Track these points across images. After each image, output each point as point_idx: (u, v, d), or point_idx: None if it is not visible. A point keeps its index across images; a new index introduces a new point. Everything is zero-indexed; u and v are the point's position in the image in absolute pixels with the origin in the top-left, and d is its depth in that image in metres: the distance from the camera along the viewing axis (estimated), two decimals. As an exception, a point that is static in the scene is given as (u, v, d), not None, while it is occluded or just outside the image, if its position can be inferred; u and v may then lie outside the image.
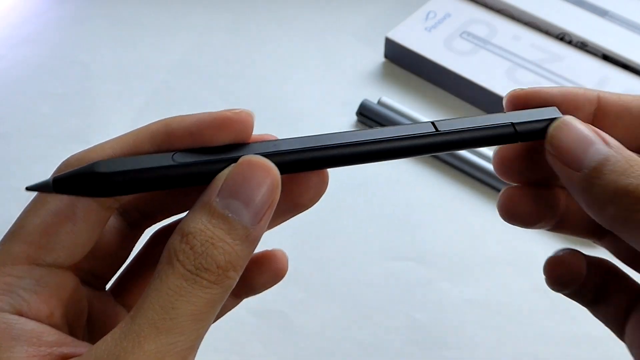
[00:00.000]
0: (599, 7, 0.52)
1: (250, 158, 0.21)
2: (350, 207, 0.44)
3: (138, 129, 0.23)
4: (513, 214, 0.28)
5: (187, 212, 0.21)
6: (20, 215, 0.22)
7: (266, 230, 0.22)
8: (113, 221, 0.25)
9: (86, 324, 0.24)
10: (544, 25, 0.51)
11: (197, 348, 0.21)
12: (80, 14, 0.57)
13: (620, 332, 0.29)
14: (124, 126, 0.48)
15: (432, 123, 0.23)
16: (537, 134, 0.24)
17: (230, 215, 0.20)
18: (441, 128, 0.23)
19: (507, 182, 0.27)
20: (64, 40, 0.55)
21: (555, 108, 0.24)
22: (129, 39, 0.55)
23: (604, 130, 0.24)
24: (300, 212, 0.25)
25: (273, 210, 0.21)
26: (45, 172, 0.21)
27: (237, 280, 0.21)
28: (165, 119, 0.23)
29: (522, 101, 0.25)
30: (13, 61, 0.53)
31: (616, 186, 0.21)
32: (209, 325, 0.21)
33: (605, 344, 0.38)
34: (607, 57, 0.49)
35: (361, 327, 0.39)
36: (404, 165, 0.46)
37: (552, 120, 0.24)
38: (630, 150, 0.23)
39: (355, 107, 0.48)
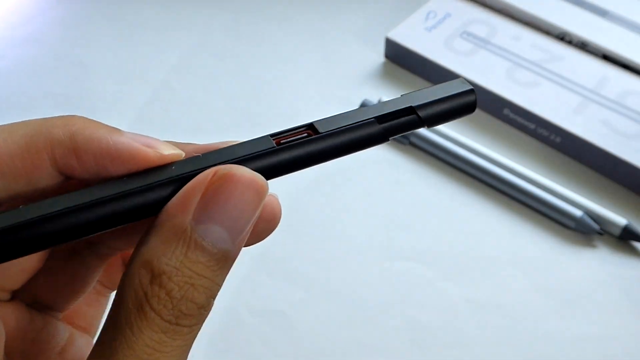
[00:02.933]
0: (599, 7, 0.52)
1: (232, 170, 0.17)
2: (350, 207, 0.44)
3: (33, 125, 0.18)
4: None
5: (149, 232, 0.17)
6: None
7: None
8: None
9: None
10: (544, 25, 0.51)
11: None
12: (80, 14, 0.57)
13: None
14: (124, 126, 0.48)
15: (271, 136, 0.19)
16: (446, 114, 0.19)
17: (210, 244, 0.17)
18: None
19: None
20: (64, 40, 0.55)
21: (462, 79, 0.20)
22: (129, 39, 0.55)
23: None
24: None
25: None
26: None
27: None
28: (69, 124, 0.18)
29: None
30: (13, 61, 0.53)
31: None
32: None
33: (605, 344, 0.38)
34: (607, 57, 0.49)
35: (361, 327, 0.39)
36: (403, 166, 0.46)
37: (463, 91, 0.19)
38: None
39: (355, 108, 0.48)
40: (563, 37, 0.51)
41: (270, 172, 0.18)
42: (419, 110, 0.19)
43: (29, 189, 0.18)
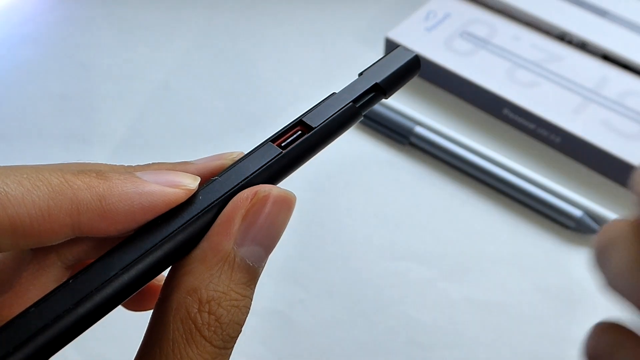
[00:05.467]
0: (599, 7, 0.52)
1: (272, 191, 0.18)
2: (350, 207, 0.44)
3: (55, 184, 0.16)
4: None
5: (191, 261, 0.17)
6: None
7: None
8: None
9: None
10: (544, 25, 0.51)
11: None
12: (80, 14, 0.57)
13: None
14: (124, 126, 0.48)
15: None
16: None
17: (251, 264, 0.18)
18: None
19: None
20: (64, 40, 0.55)
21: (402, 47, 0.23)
22: (129, 39, 0.55)
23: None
24: None
25: None
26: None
27: None
28: (93, 185, 0.17)
29: None
30: (13, 61, 0.53)
31: None
32: None
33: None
34: (607, 57, 0.49)
35: (361, 327, 0.39)
36: (403, 166, 0.46)
37: (411, 58, 0.22)
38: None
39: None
40: (563, 37, 0.51)
41: (282, 175, 0.20)
42: (382, 85, 0.22)
43: (36, 245, 0.17)
